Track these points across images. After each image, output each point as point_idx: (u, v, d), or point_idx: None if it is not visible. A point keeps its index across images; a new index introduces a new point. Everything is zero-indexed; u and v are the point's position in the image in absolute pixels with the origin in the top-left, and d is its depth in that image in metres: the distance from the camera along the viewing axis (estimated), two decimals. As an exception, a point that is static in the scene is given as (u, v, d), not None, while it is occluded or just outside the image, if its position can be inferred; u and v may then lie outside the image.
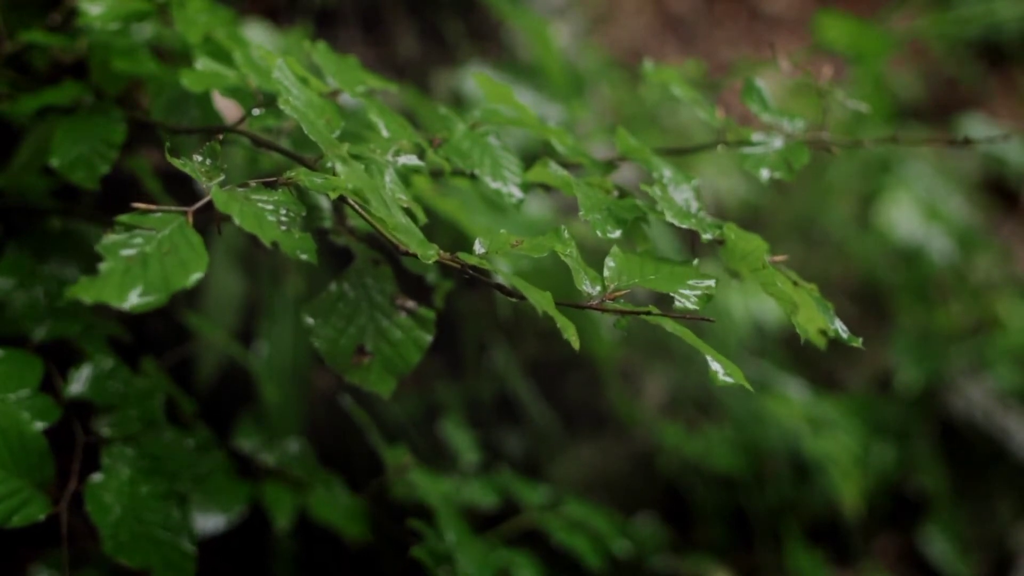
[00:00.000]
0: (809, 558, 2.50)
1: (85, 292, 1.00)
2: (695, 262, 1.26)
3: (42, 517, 1.27)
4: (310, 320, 1.29)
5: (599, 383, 2.43)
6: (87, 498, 1.32)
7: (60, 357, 1.44)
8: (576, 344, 1.09)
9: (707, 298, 1.18)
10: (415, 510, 1.79)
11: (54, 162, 1.37)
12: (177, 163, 1.12)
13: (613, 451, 2.45)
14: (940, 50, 3.81)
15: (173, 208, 1.09)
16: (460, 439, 2.01)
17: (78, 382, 1.42)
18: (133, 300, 1.01)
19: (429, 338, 1.32)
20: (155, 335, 1.86)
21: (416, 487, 1.77)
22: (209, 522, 1.63)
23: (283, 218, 1.12)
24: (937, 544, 2.72)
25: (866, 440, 2.58)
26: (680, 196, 1.34)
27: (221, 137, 1.17)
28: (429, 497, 1.75)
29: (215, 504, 1.64)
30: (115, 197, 1.56)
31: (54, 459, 1.31)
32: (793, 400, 2.49)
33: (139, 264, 1.03)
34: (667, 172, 1.36)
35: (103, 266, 1.02)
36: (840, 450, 2.42)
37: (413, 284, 1.40)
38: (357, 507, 1.75)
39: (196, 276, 1.04)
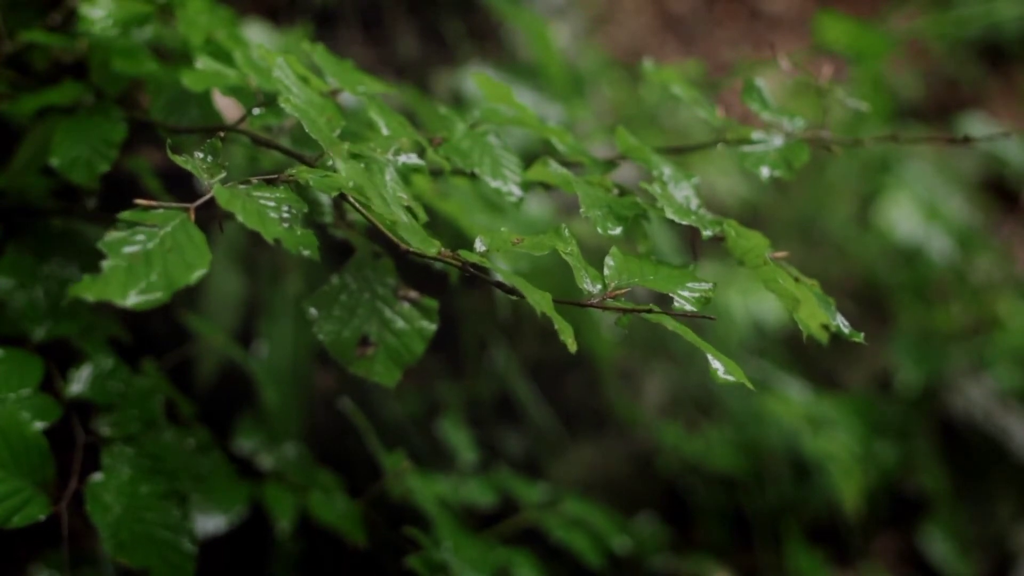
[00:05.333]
0: (809, 558, 2.50)
1: (88, 291, 1.00)
2: (695, 263, 1.26)
3: (43, 517, 1.27)
4: (313, 312, 1.29)
5: (599, 383, 2.43)
6: (87, 498, 1.32)
7: (60, 357, 1.44)
8: (573, 347, 1.09)
9: (706, 300, 1.18)
10: (413, 514, 1.79)
11: (54, 162, 1.37)
12: (179, 160, 1.12)
13: (613, 451, 2.45)
14: (940, 50, 3.81)
15: (175, 205, 1.09)
16: (458, 438, 2.01)
17: (78, 382, 1.42)
18: (136, 298, 1.01)
19: (433, 327, 1.31)
20: (155, 336, 1.86)
21: (413, 493, 1.77)
22: (209, 522, 1.63)
23: (285, 215, 1.11)
24: (937, 544, 2.72)
25: (866, 440, 2.58)
26: (680, 194, 1.34)
27: (222, 135, 1.17)
28: (426, 504, 1.75)
29: (215, 504, 1.64)
30: (116, 197, 1.55)
31: (54, 459, 1.31)
32: (793, 400, 2.49)
33: (142, 261, 1.03)
34: (667, 170, 1.36)
35: (106, 264, 1.02)
36: (840, 450, 2.42)
37: (415, 276, 1.40)
38: (355, 511, 1.75)
39: (199, 273, 1.04)
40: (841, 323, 1.25)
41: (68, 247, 1.53)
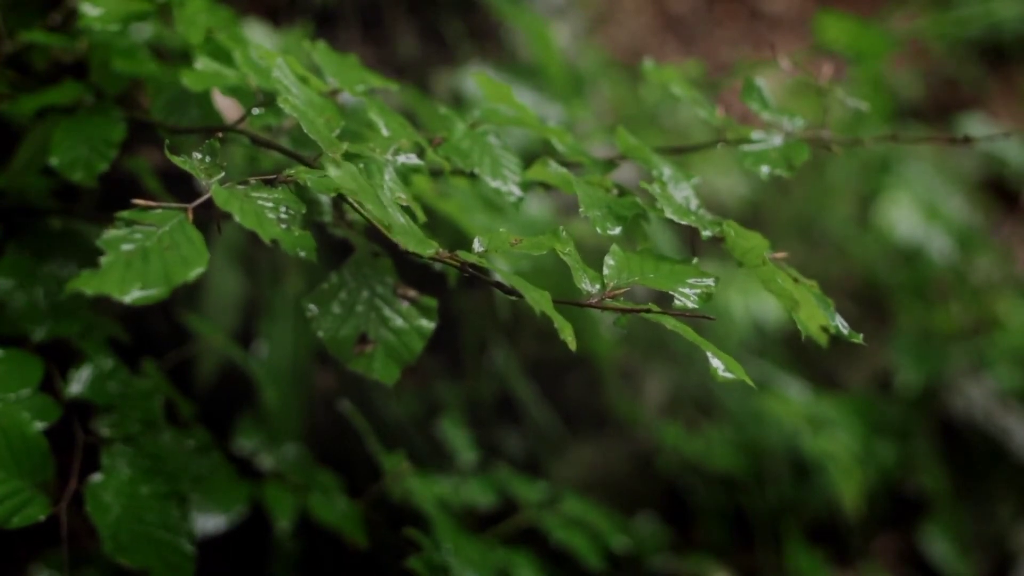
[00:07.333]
0: (809, 558, 2.50)
1: (86, 285, 1.00)
2: (695, 260, 1.26)
3: (42, 517, 1.27)
4: (312, 309, 1.28)
5: (599, 383, 2.43)
6: (87, 498, 1.32)
7: (60, 357, 1.44)
8: (573, 345, 1.09)
9: (707, 297, 1.18)
10: (413, 515, 1.79)
11: (54, 162, 1.37)
12: (177, 160, 1.12)
13: (613, 451, 2.45)
14: (940, 50, 3.81)
15: (173, 205, 1.09)
16: (457, 438, 2.01)
17: (78, 382, 1.42)
18: (134, 293, 1.01)
19: (432, 326, 1.31)
20: (155, 336, 1.86)
21: (412, 494, 1.77)
22: (209, 522, 1.63)
23: (283, 215, 1.12)
24: (937, 544, 2.72)
25: (866, 440, 2.58)
26: (680, 194, 1.34)
27: (221, 135, 1.17)
28: (425, 505, 1.75)
29: (215, 504, 1.64)
30: (115, 198, 1.56)
31: (54, 459, 1.31)
32: (793, 400, 2.49)
33: (140, 258, 1.03)
34: (667, 170, 1.36)
35: (104, 260, 1.02)
36: (840, 450, 2.42)
37: (415, 275, 1.40)
38: (355, 512, 1.75)
39: (197, 271, 1.04)
40: (840, 324, 1.25)
41: (68, 247, 1.52)
